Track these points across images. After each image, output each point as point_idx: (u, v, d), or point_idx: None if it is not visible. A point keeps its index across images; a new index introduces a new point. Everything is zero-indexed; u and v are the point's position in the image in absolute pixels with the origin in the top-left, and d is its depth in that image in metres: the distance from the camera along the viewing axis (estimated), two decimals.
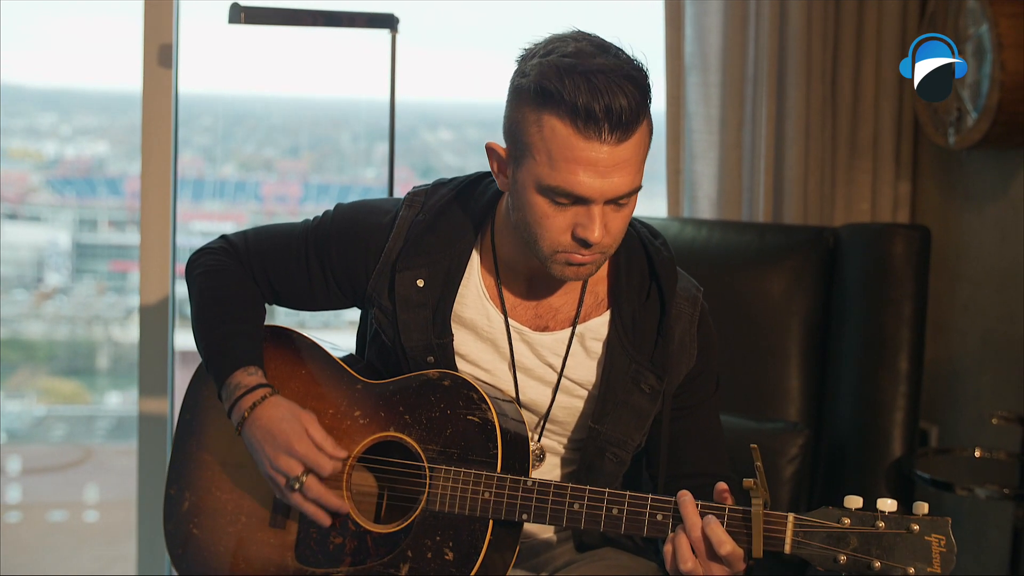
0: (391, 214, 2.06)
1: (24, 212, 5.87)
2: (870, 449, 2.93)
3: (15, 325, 5.81)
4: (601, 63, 1.79)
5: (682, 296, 2.04)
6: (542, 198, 1.84)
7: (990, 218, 3.25)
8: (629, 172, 1.82)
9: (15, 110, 5.65)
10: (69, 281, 5.87)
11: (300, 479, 1.95)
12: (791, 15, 3.30)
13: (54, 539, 5.20)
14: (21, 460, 5.68)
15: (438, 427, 1.95)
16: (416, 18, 3.09)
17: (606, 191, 1.81)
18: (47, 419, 5.87)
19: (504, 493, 1.89)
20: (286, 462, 1.96)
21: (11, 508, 5.37)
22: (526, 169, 1.84)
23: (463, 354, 2.04)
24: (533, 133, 1.82)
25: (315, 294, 2.12)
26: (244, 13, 2.93)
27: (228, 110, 5.41)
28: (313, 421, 1.98)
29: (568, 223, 1.84)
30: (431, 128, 5.45)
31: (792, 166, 3.34)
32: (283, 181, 5.68)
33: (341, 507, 1.97)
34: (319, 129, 5.54)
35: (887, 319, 2.93)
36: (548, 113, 1.80)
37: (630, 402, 2.01)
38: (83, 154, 5.83)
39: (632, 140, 1.81)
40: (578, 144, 1.78)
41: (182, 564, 2.12)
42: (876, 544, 1.69)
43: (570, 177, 1.80)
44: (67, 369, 5.84)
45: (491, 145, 1.92)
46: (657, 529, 1.82)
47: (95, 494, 5.54)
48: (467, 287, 2.03)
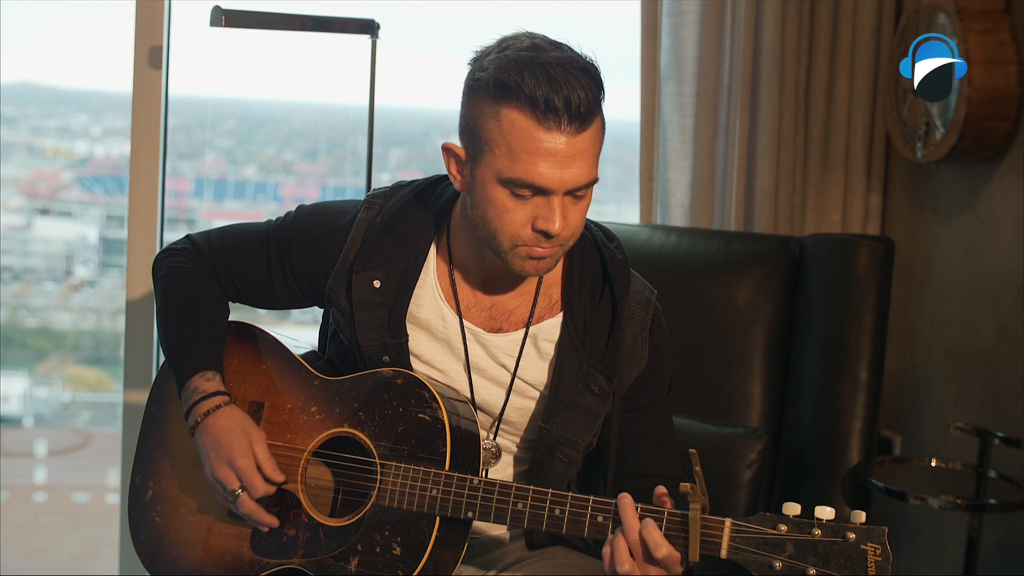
0: (350, 216, 2.07)
1: (56, 208, 5.97)
2: (828, 456, 2.90)
3: (45, 315, 5.92)
4: (557, 56, 1.81)
5: (634, 299, 2.03)
6: (503, 191, 1.84)
7: (957, 231, 3.20)
8: (586, 163, 1.83)
9: (49, 111, 5.76)
10: (96, 274, 5.97)
11: (236, 493, 1.97)
12: (766, 28, 3.28)
13: (77, 519, 5.26)
14: (47, 443, 5.77)
15: (390, 424, 1.95)
16: (425, 28, 3.09)
17: (566, 181, 1.81)
18: (72, 405, 5.95)
19: (451, 491, 1.88)
20: (225, 473, 1.97)
21: (37, 488, 5.44)
22: (485, 164, 1.85)
23: (418, 354, 2.04)
24: (492, 128, 1.82)
25: (276, 293, 2.13)
26: (225, 16, 2.93)
27: (249, 114, 5.46)
28: (261, 440, 1.99)
29: (528, 216, 1.84)
30: (443, 135, 5.43)
31: (764, 176, 3.31)
32: (302, 183, 5.73)
33: (272, 523, 1.99)
34: (336, 134, 5.57)
35: (849, 329, 2.90)
36: (507, 106, 1.80)
37: (580, 403, 2.00)
38: (112, 153, 5.92)
39: (589, 131, 1.82)
40: (538, 135, 1.79)
41: (144, 550, 2.13)
42: (812, 551, 1.67)
43: (531, 168, 1.80)
44: (92, 358, 5.93)
45: (448, 145, 1.92)
46: (597, 530, 1.81)
47: (115, 478, 5.60)
48: (423, 288, 2.03)
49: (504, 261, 1.90)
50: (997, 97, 2.91)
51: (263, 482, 1.97)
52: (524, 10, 3.80)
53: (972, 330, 3.14)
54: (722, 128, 3.33)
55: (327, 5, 3.05)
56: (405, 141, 5.38)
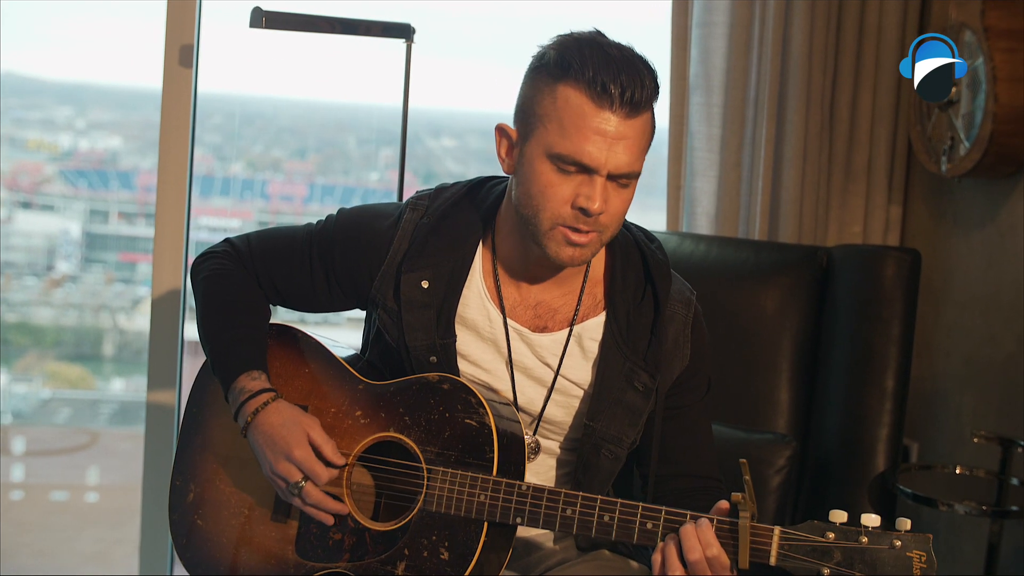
0: (393, 218, 2.07)
1: (38, 201, 5.85)
2: (855, 463, 2.91)
3: (25, 310, 5.79)
4: (619, 46, 1.86)
5: (676, 298, 2.04)
6: (549, 165, 1.86)
7: (977, 244, 3.23)
8: (632, 151, 1.85)
9: (32, 102, 5.63)
10: (79, 270, 5.86)
11: (300, 484, 1.95)
12: (793, 42, 3.29)
13: (56, 519, 5.15)
14: (26, 441, 5.65)
15: (437, 429, 1.93)
16: (426, 28, 3.07)
17: (610, 161, 1.83)
18: (52, 402, 5.83)
19: (499, 496, 1.88)
20: (285, 468, 1.95)
21: (14, 487, 5.32)
22: (536, 139, 1.87)
23: (465, 354, 2.03)
24: (547, 104, 1.85)
25: (318, 296, 2.12)
26: (266, 18, 2.90)
27: (239, 110, 5.39)
28: (315, 426, 1.98)
29: (571, 193, 1.86)
30: (435, 135, 5.43)
31: (789, 187, 3.32)
32: (290, 181, 5.65)
33: (340, 510, 1.97)
34: (326, 132, 5.52)
35: (876, 338, 2.91)
36: (564, 83, 1.83)
37: (624, 400, 2.01)
38: (97, 147, 5.81)
39: (639, 120, 1.84)
40: (590, 112, 1.82)
41: (186, 553, 2.11)
42: (859, 558, 1.68)
43: (580, 144, 1.82)
44: (73, 354, 5.80)
45: (502, 126, 1.95)
46: (647, 537, 1.81)
47: (97, 477, 5.50)
48: (470, 288, 2.03)
49: (542, 247, 1.90)
50: (1021, 114, 2.94)
51: (325, 468, 1.95)
52: (550, 17, 3.79)
53: (991, 341, 3.17)
54: (748, 139, 3.34)
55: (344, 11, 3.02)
56: (393, 140, 5.34)
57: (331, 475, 1.96)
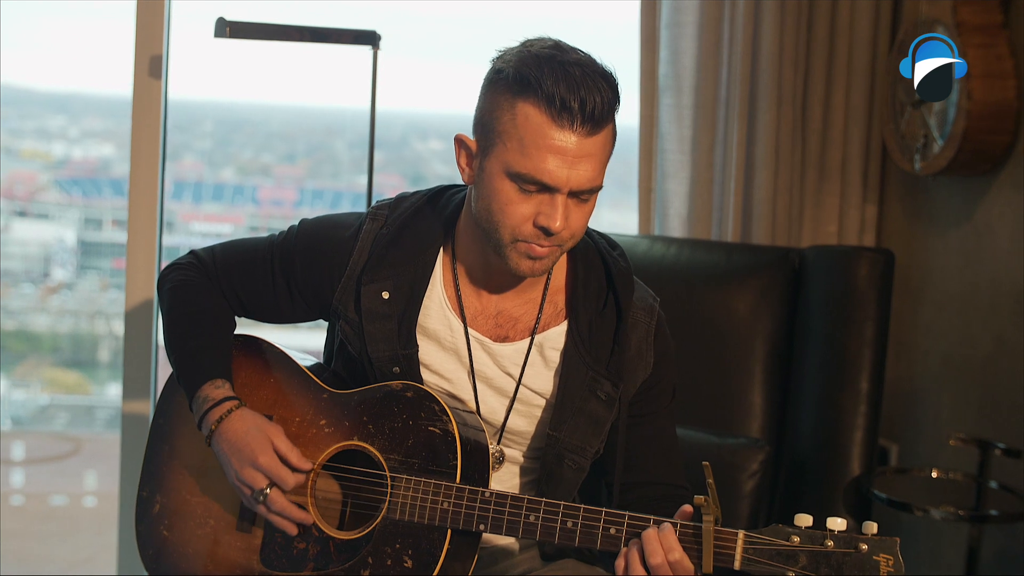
0: (354, 228, 2.04)
1: (33, 210, 5.87)
2: (829, 466, 2.86)
3: (22, 317, 5.83)
4: (578, 59, 1.81)
5: (638, 305, 2.01)
6: (509, 184, 1.82)
7: (953, 243, 3.17)
8: (593, 167, 1.81)
9: (26, 112, 5.65)
10: (74, 277, 5.89)
11: (265, 491, 1.93)
12: (764, 41, 3.22)
13: (52, 526, 5.15)
14: (24, 447, 5.66)
15: (400, 437, 1.92)
16: (406, 32, 3.03)
17: (571, 180, 1.80)
18: (50, 408, 5.85)
19: (463, 503, 1.86)
20: (251, 474, 1.93)
21: (13, 492, 5.32)
22: (495, 156, 1.83)
23: (427, 364, 2.01)
24: (507, 120, 1.81)
25: (281, 307, 2.10)
26: (230, 27, 2.86)
27: (228, 117, 5.38)
28: (279, 433, 1.96)
29: (531, 211, 1.83)
30: (422, 138, 5.40)
31: (761, 187, 3.26)
32: (279, 186, 5.67)
33: (304, 519, 1.95)
34: (315, 137, 5.53)
35: (849, 340, 2.86)
36: (524, 100, 1.79)
37: (587, 409, 1.98)
38: (90, 155, 5.83)
39: (600, 136, 1.81)
40: (550, 132, 1.78)
41: (153, 565, 2.10)
42: (825, 562, 1.65)
43: (539, 164, 1.79)
44: (70, 361, 5.83)
45: (461, 136, 1.90)
46: (611, 542, 1.79)
47: (93, 483, 5.49)
48: (430, 298, 2.00)
49: (503, 257, 1.87)
50: (995, 111, 2.88)
51: (291, 474, 1.93)
52: (521, 18, 3.75)
53: (969, 340, 3.10)
54: (720, 139, 3.28)
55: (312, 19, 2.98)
56: (382, 144, 5.32)
57: (297, 481, 1.94)
